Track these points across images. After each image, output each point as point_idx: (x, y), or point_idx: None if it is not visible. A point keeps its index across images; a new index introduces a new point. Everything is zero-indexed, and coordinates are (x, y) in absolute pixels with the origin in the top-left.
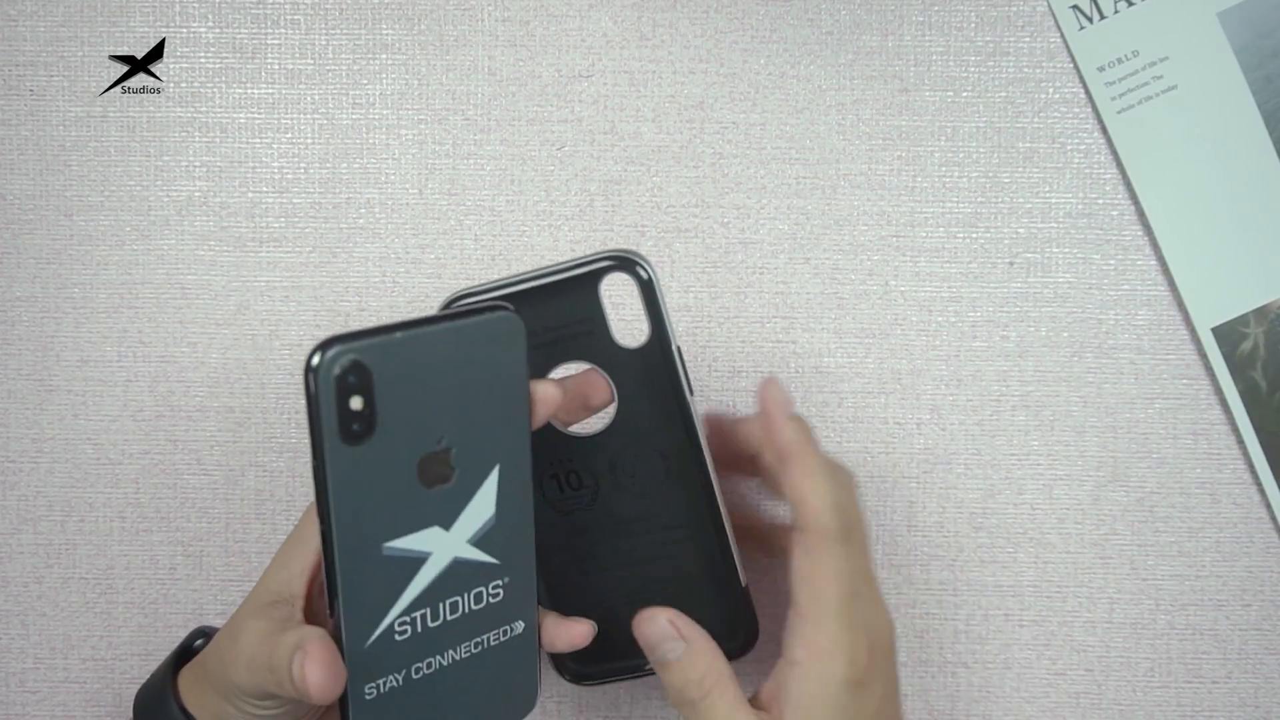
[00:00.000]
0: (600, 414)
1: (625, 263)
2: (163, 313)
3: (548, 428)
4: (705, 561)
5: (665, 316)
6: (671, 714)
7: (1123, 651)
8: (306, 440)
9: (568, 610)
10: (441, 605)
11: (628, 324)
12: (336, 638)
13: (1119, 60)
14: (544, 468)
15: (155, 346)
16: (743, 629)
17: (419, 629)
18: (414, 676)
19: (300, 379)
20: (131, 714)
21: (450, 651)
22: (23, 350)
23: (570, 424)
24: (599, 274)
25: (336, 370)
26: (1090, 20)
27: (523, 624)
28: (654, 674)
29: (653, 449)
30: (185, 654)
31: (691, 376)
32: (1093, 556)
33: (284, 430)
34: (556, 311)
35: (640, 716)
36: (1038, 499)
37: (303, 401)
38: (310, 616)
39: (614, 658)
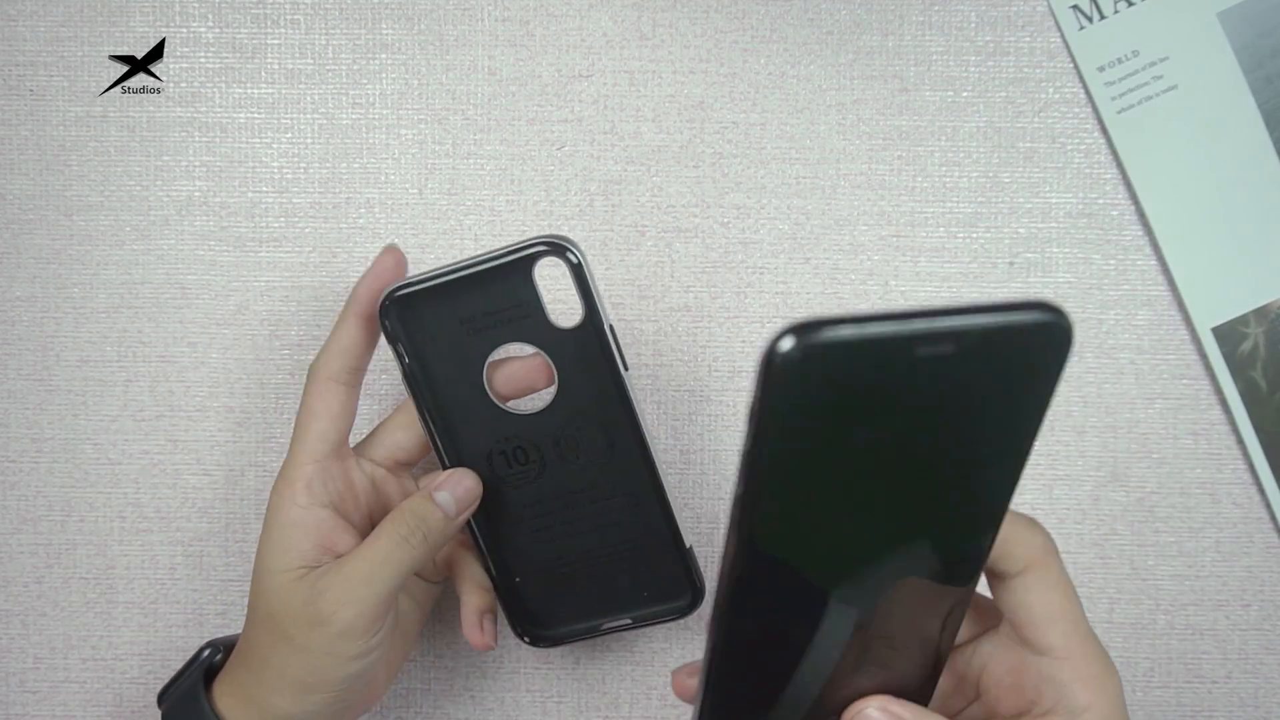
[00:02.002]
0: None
1: (555, 248)
2: (163, 313)
3: (492, 406)
4: (651, 527)
5: (596, 298)
6: (671, 713)
7: (1123, 651)
8: None
9: (521, 575)
10: None
11: (565, 305)
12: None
13: (1119, 60)
14: (491, 444)
15: (155, 346)
16: (690, 588)
17: None
18: None
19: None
20: None
21: None
22: (23, 350)
23: (511, 399)
24: (532, 259)
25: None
26: (1090, 20)
27: None
28: (610, 633)
29: (594, 424)
30: (208, 671)
31: (626, 353)
32: (1093, 556)
33: (284, 430)
34: (494, 296)
35: (640, 716)
36: (1038, 499)
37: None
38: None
39: (569, 620)
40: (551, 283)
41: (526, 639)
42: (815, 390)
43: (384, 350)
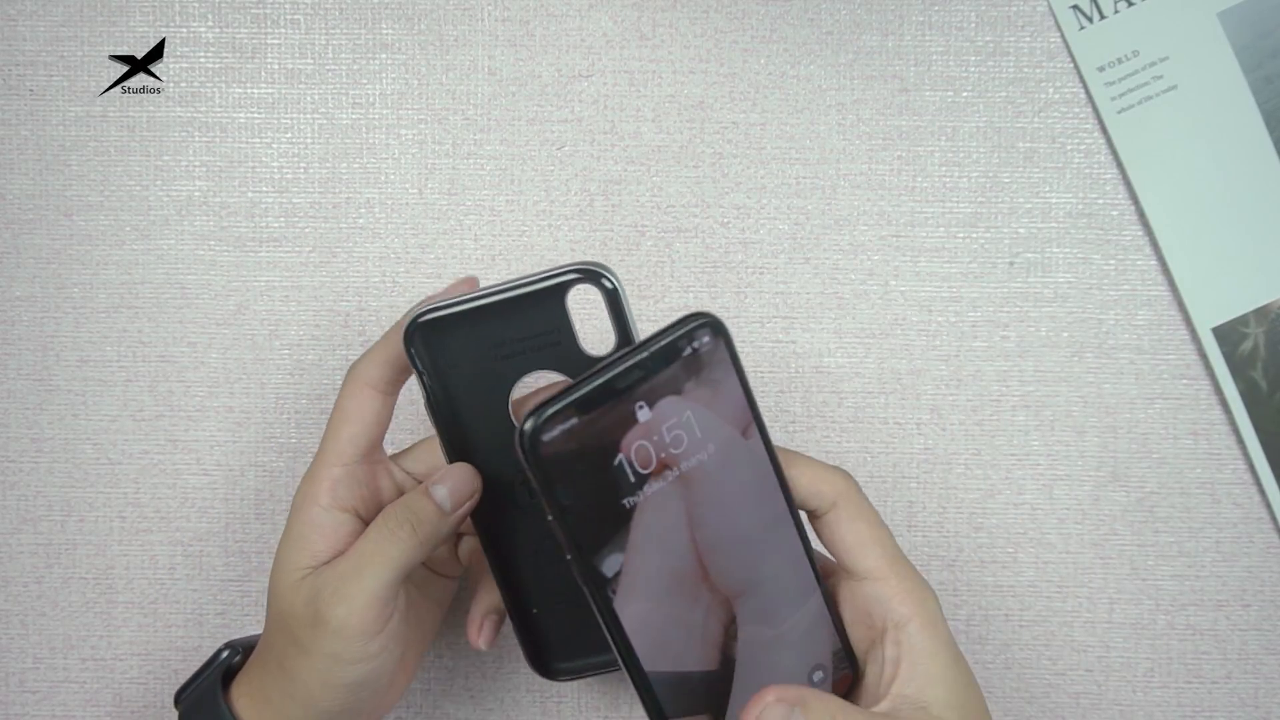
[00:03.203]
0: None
1: (590, 274)
2: (163, 313)
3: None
4: None
5: (631, 325)
6: None
7: (1123, 651)
8: (305, 440)
9: (539, 605)
10: None
11: (595, 333)
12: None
13: (1119, 60)
14: (514, 474)
15: (155, 346)
16: None
17: None
18: None
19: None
20: None
21: None
22: (23, 350)
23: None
24: (565, 286)
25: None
26: (1090, 20)
27: None
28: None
29: None
30: (226, 673)
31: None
32: (1093, 556)
33: (284, 430)
34: (524, 323)
35: (640, 717)
36: (1038, 499)
37: (305, 403)
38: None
39: (587, 653)
40: (585, 308)
41: (541, 672)
42: (566, 446)
43: None
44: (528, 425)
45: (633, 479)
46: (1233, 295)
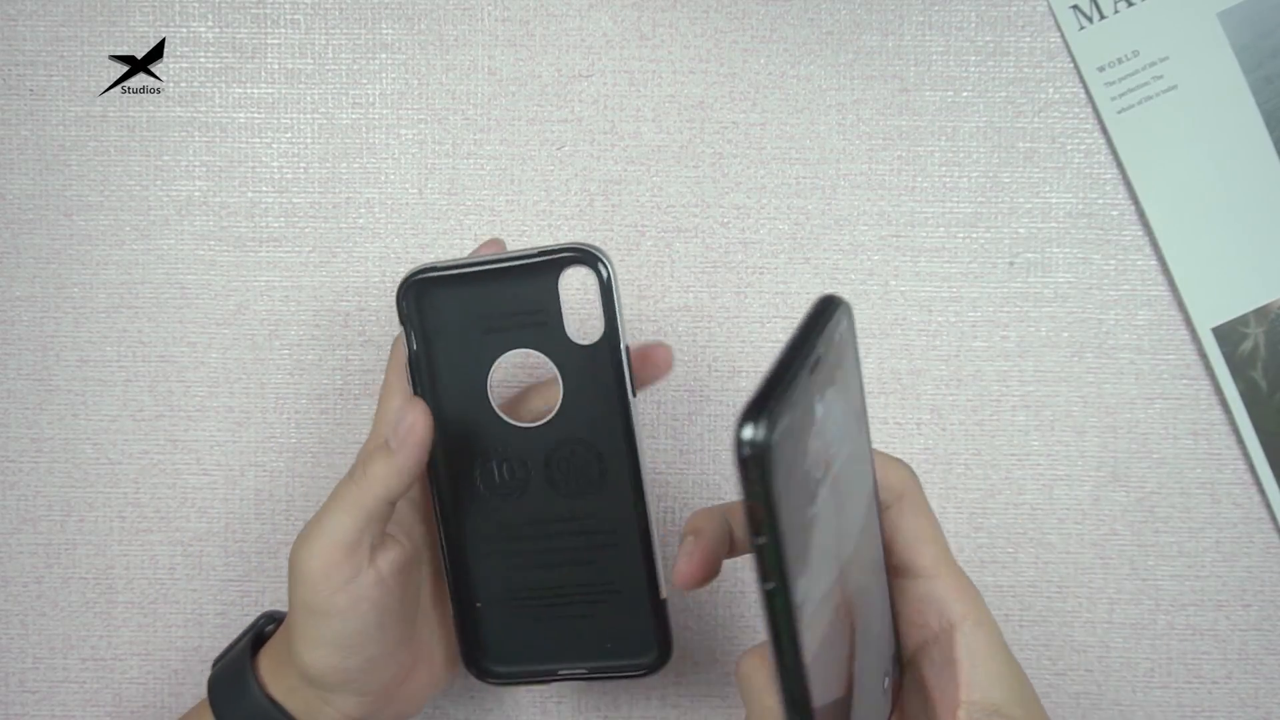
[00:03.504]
0: (544, 405)
1: (587, 257)
2: (163, 313)
3: (489, 414)
4: (628, 570)
5: (618, 315)
6: (671, 713)
7: (1123, 651)
8: (305, 440)
9: (483, 600)
10: None
11: (582, 320)
12: None
13: (1119, 60)
14: (480, 451)
15: (155, 346)
16: (659, 643)
17: None
18: None
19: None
20: (208, 697)
21: None
22: (23, 350)
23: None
24: (560, 265)
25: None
26: (1090, 20)
27: None
28: (566, 680)
29: (590, 448)
30: (258, 639)
31: (636, 380)
32: (1093, 556)
33: (284, 430)
34: (514, 297)
35: (640, 716)
36: (1038, 499)
37: (305, 403)
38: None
39: (524, 660)
40: (574, 293)
41: (474, 672)
42: (784, 454)
43: None
44: (755, 434)
45: (811, 486)
46: (1233, 295)
